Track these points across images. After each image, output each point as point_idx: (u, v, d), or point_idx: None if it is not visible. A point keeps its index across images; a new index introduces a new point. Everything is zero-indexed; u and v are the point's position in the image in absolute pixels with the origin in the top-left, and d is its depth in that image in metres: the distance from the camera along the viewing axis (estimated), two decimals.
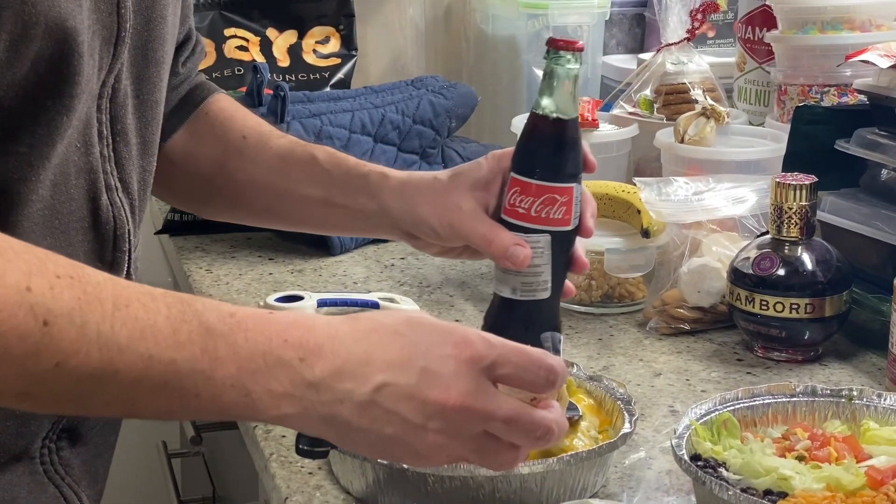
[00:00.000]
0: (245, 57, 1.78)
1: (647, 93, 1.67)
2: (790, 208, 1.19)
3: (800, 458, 0.92)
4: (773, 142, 1.48)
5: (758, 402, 1.00)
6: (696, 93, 1.64)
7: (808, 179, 1.19)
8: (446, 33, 2.01)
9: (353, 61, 1.83)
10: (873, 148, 1.27)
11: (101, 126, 0.88)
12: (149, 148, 0.95)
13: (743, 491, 0.87)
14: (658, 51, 1.69)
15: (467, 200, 1.06)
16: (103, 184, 0.88)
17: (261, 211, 1.19)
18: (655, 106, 1.66)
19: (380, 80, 1.86)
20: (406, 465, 0.84)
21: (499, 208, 1.07)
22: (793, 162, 1.32)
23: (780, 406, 1.00)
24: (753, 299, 1.20)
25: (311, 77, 1.79)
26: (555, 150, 1.04)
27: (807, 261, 1.20)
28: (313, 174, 1.14)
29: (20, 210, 0.81)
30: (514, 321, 1.07)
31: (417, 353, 0.77)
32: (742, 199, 1.32)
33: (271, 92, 1.54)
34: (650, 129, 1.56)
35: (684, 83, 1.65)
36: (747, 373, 1.20)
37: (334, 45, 1.83)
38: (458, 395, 0.76)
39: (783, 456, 0.92)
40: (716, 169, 1.41)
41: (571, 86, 1.04)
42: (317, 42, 1.83)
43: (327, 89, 1.77)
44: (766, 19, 1.63)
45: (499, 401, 0.78)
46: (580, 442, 0.95)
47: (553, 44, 1.04)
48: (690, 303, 1.29)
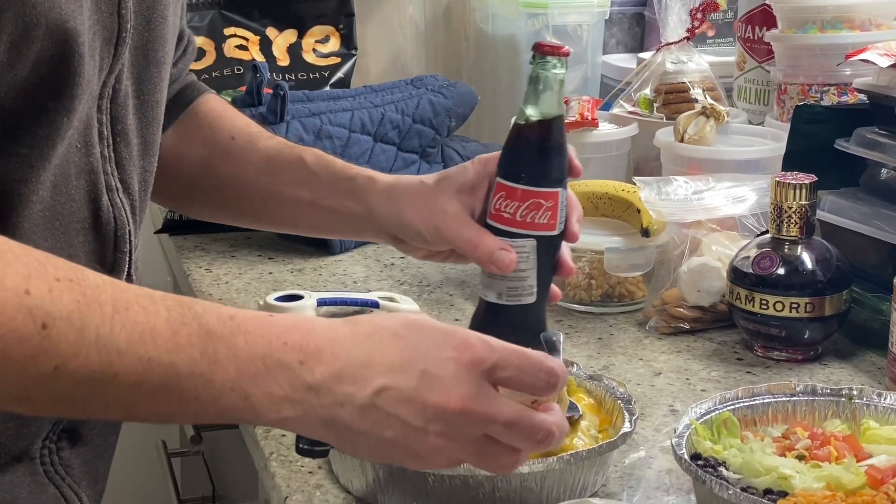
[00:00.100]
0: (245, 56, 1.78)
1: (646, 92, 1.67)
2: (790, 207, 1.19)
3: (800, 458, 0.92)
4: (772, 141, 1.48)
5: (758, 402, 1.00)
6: (696, 92, 1.64)
7: (807, 178, 1.19)
8: (446, 32, 2.01)
9: (352, 60, 1.83)
10: (873, 147, 1.27)
11: (102, 126, 0.87)
12: (150, 148, 0.95)
13: (743, 490, 0.87)
14: (658, 50, 1.69)
15: (453, 205, 1.06)
16: (104, 184, 0.88)
17: (247, 212, 1.19)
18: (655, 105, 1.66)
19: (379, 79, 1.86)
20: (407, 467, 0.84)
21: (485, 213, 1.07)
22: (792, 161, 1.32)
23: (780, 405, 1.00)
24: (753, 298, 1.20)
25: (311, 76, 1.79)
26: (540, 155, 1.04)
27: (806, 260, 1.20)
28: (300, 176, 1.14)
29: (21, 211, 0.81)
30: (499, 326, 1.07)
31: (417, 355, 0.77)
32: (742, 198, 1.32)
33: (271, 91, 1.54)
34: (650, 129, 1.56)
35: (684, 82, 1.65)
36: (747, 372, 1.20)
37: (334, 44, 1.83)
38: (458, 398, 0.76)
39: (783, 455, 0.92)
40: (715, 168, 1.41)
41: (557, 91, 1.04)
42: (316, 41, 1.83)
43: (327, 88, 1.77)
44: (765, 18, 1.63)
45: (499, 404, 0.77)
46: (580, 441, 0.95)
47: (539, 49, 1.04)
48: (690, 302, 1.29)
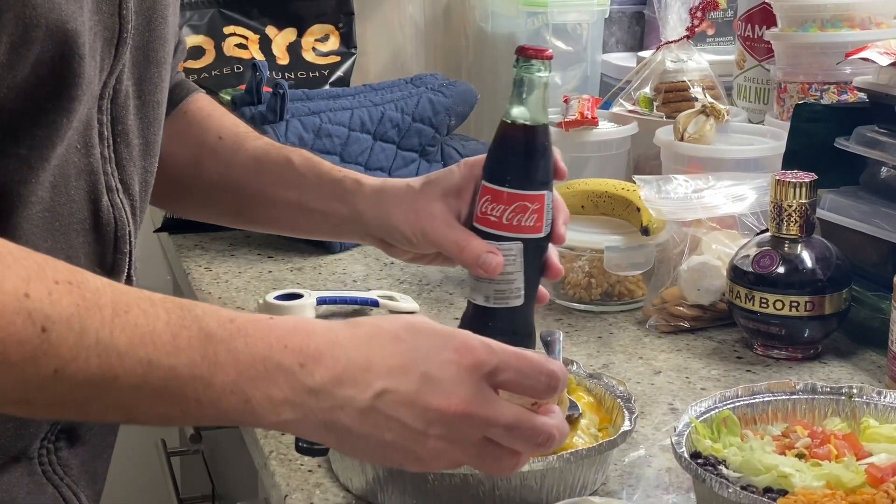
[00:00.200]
0: (244, 55, 1.78)
1: (646, 91, 1.67)
2: (790, 206, 1.19)
3: (800, 456, 0.92)
4: (772, 140, 1.48)
5: (758, 400, 1.00)
6: (696, 91, 1.64)
7: (807, 177, 1.19)
8: (446, 31, 2.01)
9: (352, 59, 1.83)
10: (873, 146, 1.26)
11: (102, 127, 0.87)
12: (150, 149, 0.94)
13: (743, 489, 0.86)
14: (658, 49, 1.69)
15: (439, 208, 1.07)
16: (104, 185, 0.88)
17: (234, 212, 1.19)
18: (655, 104, 1.66)
19: (379, 77, 1.86)
20: (407, 469, 0.84)
21: (471, 216, 1.07)
22: (792, 160, 1.32)
23: (780, 404, 1.00)
24: (753, 297, 1.20)
25: (311, 75, 1.79)
26: (525, 158, 1.04)
27: (806, 258, 1.20)
28: (287, 177, 1.14)
29: (20, 212, 0.81)
30: (488, 329, 1.07)
31: (418, 358, 0.77)
32: (742, 196, 1.32)
33: (270, 90, 1.54)
34: (650, 127, 1.56)
35: (684, 81, 1.65)
36: (747, 370, 1.20)
37: (333, 42, 1.83)
38: (459, 401, 0.76)
39: (783, 454, 0.92)
40: (715, 167, 1.41)
41: (541, 94, 1.04)
42: (316, 40, 1.83)
43: (326, 87, 1.76)
44: (765, 17, 1.62)
45: (500, 407, 0.77)
46: (580, 440, 0.95)
47: (522, 52, 1.04)
48: (690, 301, 1.28)
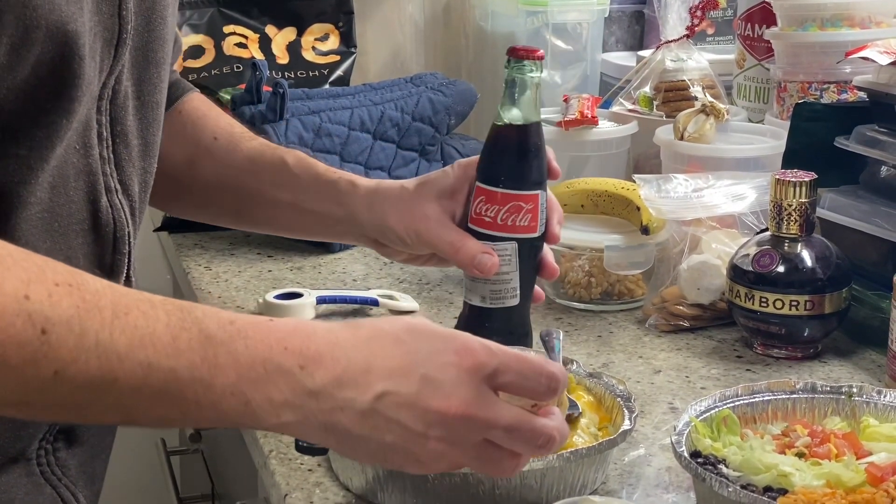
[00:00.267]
0: (244, 54, 1.78)
1: (646, 90, 1.67)
2: (790, 205, 1.19)
3: (800, 455, 0.92)
4: (772, 139, 1.48)
5: (757, 399, 0.99)
6: (696, 90, 1.64)
7: (807, 176, 1.19)
8: (445, 30, 2.01)
9: (352, 58, 1.83)
10: (873, 145, 1.26)
11: (101, 128, 0.87)
12: (150, 149, 0.94)
13: (743, 488, 0.86)
14: (657, 48, 1.69)
15: (434, 209, 1.07)
16: (103, 186, 0.88)
17: (228, 212, 1.19)
18: (655, 103, 1.66)
19: (379, 77, 1.86)
20: (407, 471, 0.84)
21: (466, 217, 1.07)
22: (792, 159, 1.31)
23: (780, 403, 1.00)
24: (753, 296, 1.20)
25: (311, 74, 1.79)
26: (519, 159, 1.04)
27: (806, 258, 1.20)
28: (282, 178, 1.14)
29: (19, 213, 0.81)
30: (484, 329, 1.07)
31: (418, 360, 0.77)
32: (741, 195, 1.32)
33: (270, 89, 1.54)
34: (650, 126, 1.56)
35: (684, 80, 1.65)
36: (747, 370, 1.20)
37: (333, 42, 1.83)
38: (459, 403, 0.76)
39: (783, 453, 0.92)
40: (715, 166, 1.41)
41: (534, 94, 1.04)
42: (316, 39, 1.83)
43: (326, 86, 1.76)
44: (765, 16, 1.62)
45: (500, 409, 0.77)
46: (580, 439, 0.95)
47: (513, 53, 1.04)
48: (690, 300, 1.28)
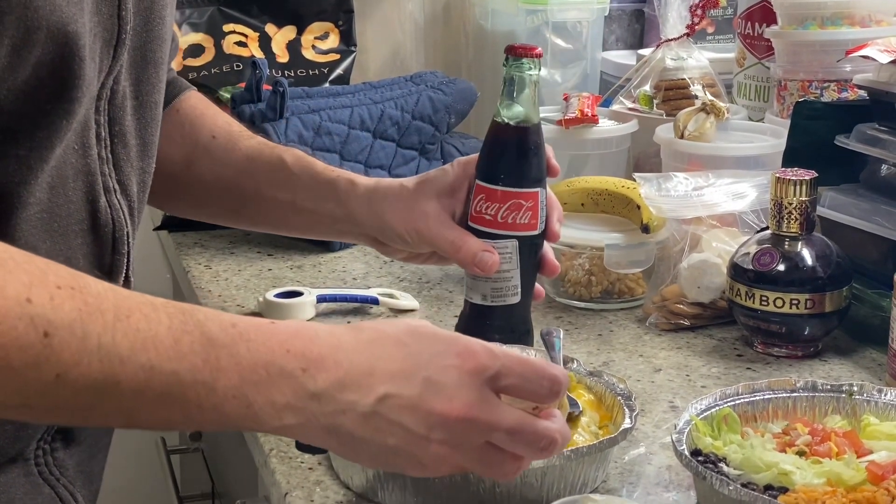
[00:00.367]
0: (244, 53, 1.78)
1: (646, 88, 1.67)
2: (790, 204, 1.19)
3: (800, 454, 0.92)
4: (772, 137, 1.47)
5: (758, 398, 0.99)
6: (696, 88, 1.64)
7: (808, 175, 1.19)
8: (445, 29, 2.01)
9: (351, 57, 1.83)
10: (873, 143, 1.26)
11: (100, 128, 0.87)
12: (148, 149, 0.94)
13: (743, 486, 0.86)
14: (658, 46, 1.69)
15: (433, 207, 1.07)
16: (101, 186, 0.88)
17: (227, 211, 1.19)
18: (655, 101, 1.66)
19: (379, 75, 1.86)
20: (409, 474, 0.83)
21: (466, 215, 1.07)
22: (793, 157, 1.31)
23: (781, 401, 1.00)
24: (753, 295, 1.20)
25: (310, 73, 1.79)
26: (518, 156, 1.04)
27: (807, 256, 1.20)
28: (281, 177, 1.14)
29: (19, 213, 0.81)
30: (485, 327, 1.07)
31: (420, 363, 0.77)
32: (742, 194, 1.32)
33: (270, 88, 1.54)
34: (650, 125, 1.56)
35: (684, 79, 1.65)
36: (747, 368, 1.20)
37: (333, 40, 1.83)
38: (461, 405, 0.76)
39: (784, 451, 0.92)
40: (715, 164, 1.41)
41: (532, 92, 1.04)
42: (316, 38, 1.83)
43: (326, 85, 1.76)
44: (765, 15, 1.62)
45: (502, 412, 0.77)
46: (580, 437, 0.95)
47: (512, 51, 1.04)
48: (690, 298, 1.28)
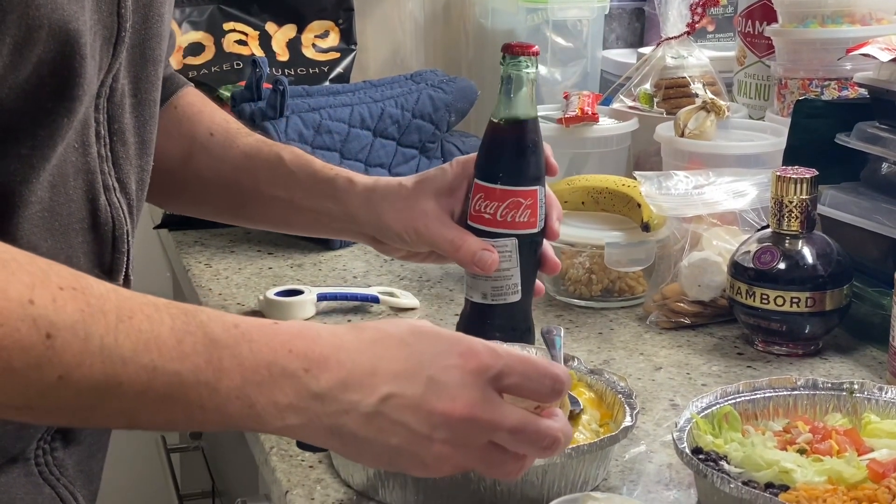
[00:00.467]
0: (244, 51, 1.78)
1: (647, 87, 1.67)
2: (791, 202, 1.19)
3: (801, 452, 0.92)
4: (773, 136, 1.48)
5: (759, 396, 0.99)
6: (696, 87, 1.64)
7: (808, 173, 1.19)
8: (445, 27, 2.01)
9: (352, 55, 1.83)
10: (874, 142, 1.26)
11: (99, 126, 0.87)
12: (146, 147, 0.94)
13: (744, 484, 0.86)
14: (658, 45, 1.69)
15: (432, 207, 1.07)
16: (101, 184, 0.88)
17: (225, 209, 1.19)
18: (655, 100, 1.66)
19: (379, 74, 1.86)
20: (411, 474, 0.83)
21: (464, 214, 1.07)
22: (793, 156, 1.31)
23: (782, 399, 1.00)
24: (754, 293, 1.20)
25: (311, 71, 1.79)
26: (516, 155, 1.04)
27: (807, 254, 1.20)
28: (279, 175, 1.14)
29: (21, 212, 0.81)
30: (486, 326, 1.07)
31: (423, 363, 0.77)
32: (742, 192, 1.32)
33: (270, 86, 1.54)
34: (650, 123, 1.56)
35: (684, 77, 1.65)
36: (748, 366, 1.20)
37: (333, 39, 1.83)
38: (464, 405, 0.76)
39: (784, 449, 0.92)
40: (716, 163, 1.41)
41: (530, 90, 1.04)
42: (316, 36, 1.83)
43: (326, 83, 1.76)
44: (766, 13, 1.63)
45: (505, 411, 0.77)
46: (581, 435, 0.95)
47: (509, 49, 1.04)
48: (691, 297, 1.28)
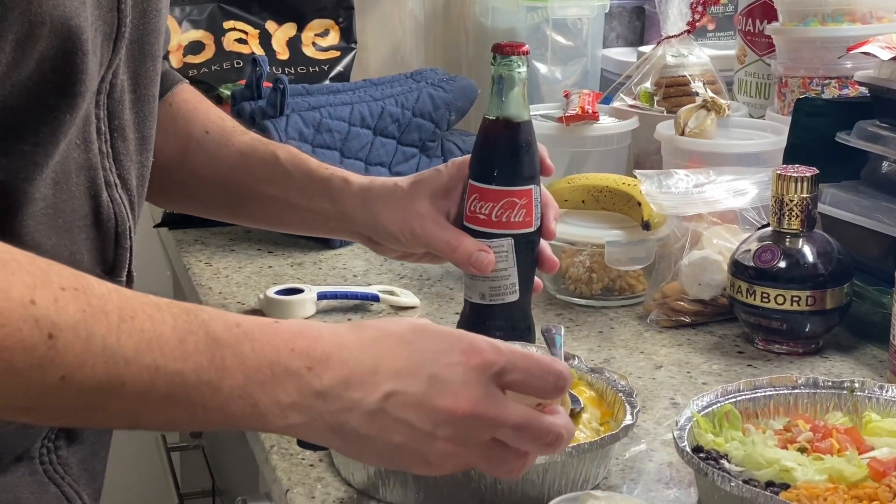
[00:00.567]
0: (244, 50, 1.78)
1: (647, 85, 1.67)
2: (791, 200, 1.19)
3: (802, 450, 0.92)
4: (773, 134, 1.47)
5: (759, 394, 0.99)
6: (697, 85, 1.63)
7: (809, 171, 1.19)
8: (445, 26, 2.01)
9: (352, 54, 1.83)
10: (874, 140, 1.26)
11: (100, 122, 0.87)
12: (146, 143, 0.94)
13: (745, 482, 0.86)
14: (658, 43, 1.69)
15: (427, 208, 1.07)
16: (102, 180, 0.88)
17: (221, 207, 1.19)
18: (656, 98, 1.66)
19: (379, 72, 1.86)
20: (414, 472, 0.83)
21: (460, 215, 1.07)
22: (794, 154, 1.31)
23: (782, 398, 1.00)
24: (754, 292, 1.20)
25: (311, 70, 1.79)
26: (510, 155, 1.04)
27: (808, 253, 1.20)
28: (274, 174, 1.14)
29: (25, 209, 0.81)
30: (485, 326, 1.07)
31: (425, 360, 0.77)
32: (743, 191, 1.32)
33: (270, 85, 1.54)
34: (650, 122, 1.56)
35: (685, 76, 1.65)
36: (748, 365, 1.20)
37: (333, 37, 1.83)
38: (467, 402, 0.76)
39: (785, 448, 0.92)
40: (716, 161, 1.41)
41: (521, 89, 1.04)
42: (316, 35, 1.83)
43: (326, 82, 1.76)
44: (766, 11, 1.62)
45: (508, 407, 0.77)
46: (582, 434, 0.95)
47: (499, 49, 1.04)
48: (691, 295, 1.28)
